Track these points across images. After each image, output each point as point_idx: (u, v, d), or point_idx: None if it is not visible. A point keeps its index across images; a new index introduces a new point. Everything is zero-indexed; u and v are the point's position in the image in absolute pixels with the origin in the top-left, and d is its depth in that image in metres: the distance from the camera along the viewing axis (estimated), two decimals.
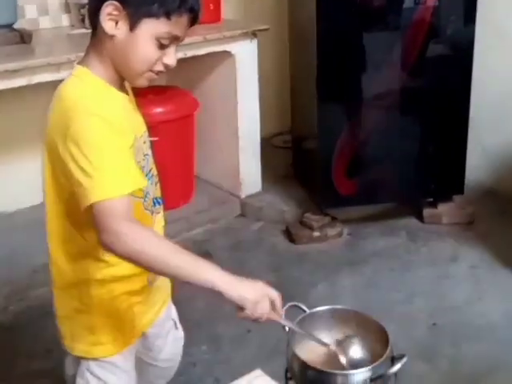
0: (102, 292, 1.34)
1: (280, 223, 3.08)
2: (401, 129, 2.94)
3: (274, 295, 1.24)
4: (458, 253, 2.84)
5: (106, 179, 1.15)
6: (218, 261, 2.92)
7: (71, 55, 2.30)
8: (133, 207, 1.21)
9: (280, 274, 2.67)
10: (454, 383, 2.10)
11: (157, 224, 1.41)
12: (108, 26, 1.20)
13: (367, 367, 1.22)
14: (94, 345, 1.37)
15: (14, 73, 2.29)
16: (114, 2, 1.18)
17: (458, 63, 2.89)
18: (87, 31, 1.35)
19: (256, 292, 1.20)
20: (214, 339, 2.34)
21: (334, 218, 3.03)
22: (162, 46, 1.23)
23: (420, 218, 3.08)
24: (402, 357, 1.23)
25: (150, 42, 1.21)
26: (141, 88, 1.31)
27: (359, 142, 2.96)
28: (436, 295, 2.56)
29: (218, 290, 1.17)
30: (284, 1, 3.31)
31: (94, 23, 1.24)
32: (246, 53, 3.01)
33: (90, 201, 1.14)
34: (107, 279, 1.33)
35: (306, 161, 3.27)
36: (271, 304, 1.23)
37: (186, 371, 2.10)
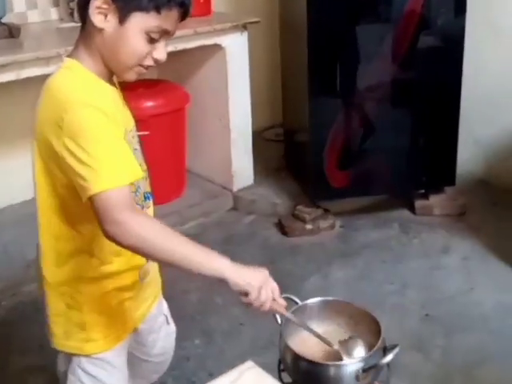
0: (94, 289, 1.33)
1: (272, 216, 3.08)
2: (392, 121, 2.94)
3: (275, 285, 1.24)
4: (450, 244, 2.85)
5: (107, 170, 1.13)
6: None
7: (60, 49, 2.29)
8: (133, 198, 1.20)
9: (273, 267, 2.63)
10: (446, 373, 2.11)
11: None
12: (97, 19, 1.19)
13: (359, 358, 1.22)
14: (85, 341, 1.36)
15: (3, 67, 2.27)
16: None
17: (448, 55, 2.89)
18: (76, 25, 1.34)
19: (261, 278, 1.21)
20: (206, 333, 2.34)
21: (326, 211, 3.03)
22: (152, 41, 1.22)
23: (412, 209, 3.09)
24: (394, 347, 1.23)
25: (139, 35, 1.20)
26: (131, 82, 1.30)
27: (351, 134, 2.96)
28: (428, 286, 2.57)
29: (225, 278, 1.16)
30: None
31: (84, 16, 1.22)
32: (236, 46, 2.99)
33: (91, 192, 1.12)
34: (98, 276, 1.33)
35: (298, 154, 3.27)
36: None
37: (180, 365, 2.10)
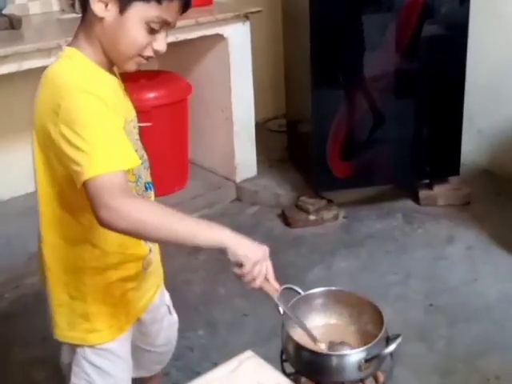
0: (97, 279, 1.33)
1: (276, 207, 3.08)
2: (396, 111, 2.92)
3: (270, 265, 1.24)
4: (454, 234, 2.84)
5: (101, 155, 1.12)
6: None
7: (61, 40, 2.27)
8: (129, 185, 1.19)
9: (276, 258, 2.62)
10: (450, 364, 2.10)
11: None
12: (97, 7, 1.18)
13: (361, 348, 1.22)
14: (89, 332, 1.36)
15: (4, 59, 2.27)
16: None
17: (452, 44, 2.86)
18: (77, 16, 1.33)
19: (259, 254, 1.21)
20: (210, 324, 2.34)
21: (329, 201, 3.02)
22: (152, 31, 1.21)
23: (416, 199, 3.07)
24: (396, 337, 1.23)
25: (139, 25, 1.19)
26: (133, 73, 1.29)
27: (354, 124, 2.94)
28: (432, 276, 2.56)
29: (225, 246, 1.17)
30: None
31: (84, 5, 1.22)
32: (238, 36, 2.97)
33: (85, 177, 1.11)
34: (102, 266, 1.32)
35: (301, 144, 3.26)
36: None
37: (183, 356, 2.10)
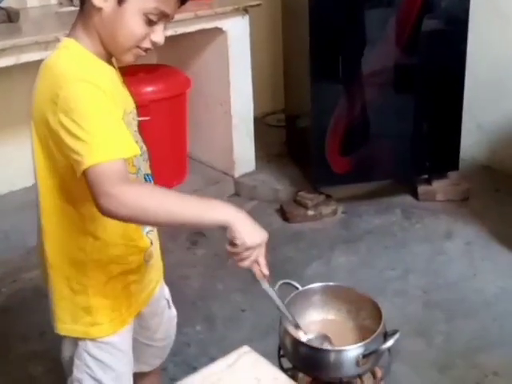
0: (99, 272, 1.33)
1: (274, 202, 3.07)
2: (395, 106, 2.92)
3: (263, 252, 1.22)
4: (453, 229, 2.84)
5: (100, 143, 1.11)
6: (212, 240, 2.88)
7: (59, 33, 2.23)
8: (128, 173, 1.19)
9: (274, 253, 2.65)
10: (448, 359, 2.10)
11: None
12: None
13: (359, 343, 1.21)
14: (91, 325, 1.35)
15: (2, 52, 2.25)
16: None
17: (452, 39, 2.85)
18: (75, 9, 1.32)
19: (256, 239, 1.20)
20: (208, 319, 2.34)
21: (328, 197, 3.01)
22: (150, 23, 1.20)
23: (415, 195, 3.07)
24: (394, 333, 1.22)
25: (137, 17, 1.19)
26: (131, 66, 1.28)
27: (353, 119, 2.93)
28: (431, 272, 2.56)
29: (227, 226, 1.17)
30: None
31: None
32: (237, 29, 2.96)
33: (85, 165, 1.10)
34: (104, 259, 1.32)
35: (300, 139, 3.25)
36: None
37: (181, 351, 2.09)
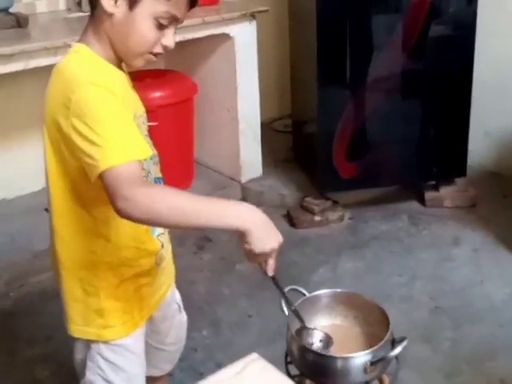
0: (111, 274, 1.33)
1: (281, 207, 3.06)
2: (402, 111, 2.91)
3: (274, 255, 1.27)
4: (460, 236, 2.83)
5: (114, 146, 1.12)
6: (218, 245, 2.88)
7: (68, 39, 2.26)
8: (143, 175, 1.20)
9: (281, 259, 2.65)
10: (455, 366, 2.09)
11: None
12: (107, 4, 1.19)
13: (367, 350, 1.21)
14: (104, 328, 1.36)
15: (10, 57, 2.27)
16: None
17: (460, 44, 2.85)
18: (84, 15, 1.34)
19: (268, 247, 1.22)
20: (214, 324, 2.33)
21: (335, 202, 3.01)
22: (161, 27, 1.22)
23: (422, 201, 3.06)
24: (402, 340, 1.22)
25: (148, 21, 1.20)
26: (139, 72, 1.29)
27: (360, 125, 2.93)
28: (438, 278, 2.55)
29: (242, 231, 1.17)
30: None
31: (93, 2, 1.23)
32: (245, 35, 2.97)
33: (100, 170, 1.12)
34: (116, 261, 1.32)
35: (307, 145, 3.25)
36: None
37: (187, 356, 2.09)
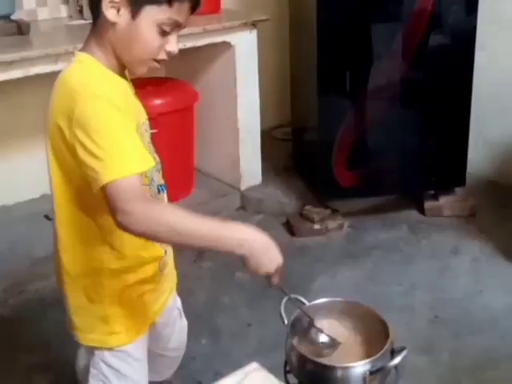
0: (115, 281, 1.34)
1: (280, 216, 3.06)
2: (402, 120, 2.92)
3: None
4: (460, 245, 2.83)
5: (116, 160, 1.14)
6: (218, 254, 2.88)
7: (69, 46, 2.28)
8: (144, 188, 1.20)
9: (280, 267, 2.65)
10: (454, 376, 2.09)
11: None
12: (110, 13, 1.20)
13: (366, 360, 1.21)
14: (108, 334, 1.36)
15: (11, 64, 2.27)
16: None
17: (459, 54, 2.86)
18: (85, 22, 1.34)
19: (266, 270, 1.25)
20: (213, 332, 2.33)
21: (334, 211, 3.01)
22: (164, 33, 1.22)
23: (421, 210, 3.06)
24: (402, 350, 1.21)
25: (151, 28, 1.21)
26: (140, 79, 1.30)
27: (360, 133, 2.94)
28: (437, 288, 2.55)
29: (242, 257, 1.18)
30: None
31: (95, 11, 1.23)
32: (245, 44, 2.98)
33: (101, 183, 1.13)
34: (120, 268, 1.33)
35: (307, 153, 3.25)
36: None
37: (186, 365, 2.07)
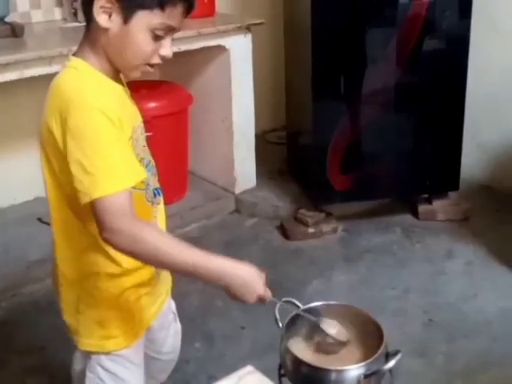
0: (112, 285, 1.33)
1: (274, 219, 3.07)
2: (396, 125, 2.93)
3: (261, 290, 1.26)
4: (453, 249, 2.83)
5: (105, 176, 1.13)
6: None
7: (63, 49, 2.28)
8: (134, 201, 1.20)
9: (274, 271, 2.65)
10: (449, 379, 2.09)
11: (159, 215, 1.40)
12: (101, 18, 1.19)
13: (361, 363, 1.21)
14: (106, 339, 1.36)
15: (6, 66, 2.26)
16: None
17: (453, 59, 2.87)
18: (80, 25, 1.34)
19: (248, 301, 1.24)
20: (207, 336, 2.33)
21: (328, 214, 3.02)
22: (158, 38, 1.21)
23: (415, 214, 3.07)
24: (396, 353, 1.21)
25: (144, 33, 1.20)
26: (134, 82, 1.29)
27: (354, 137, 2.94)
28: (431, 291, 2.55)
29: (224, 285, 1.19)
30: None
31: (88, 16, 1.22)
32: (240, 47, 2.98)
33: (89, 198, 1.13)
34: (116, 273, 1.32)
35: (301, 157, 3.26)
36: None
37: (179, 368, 2.07)
